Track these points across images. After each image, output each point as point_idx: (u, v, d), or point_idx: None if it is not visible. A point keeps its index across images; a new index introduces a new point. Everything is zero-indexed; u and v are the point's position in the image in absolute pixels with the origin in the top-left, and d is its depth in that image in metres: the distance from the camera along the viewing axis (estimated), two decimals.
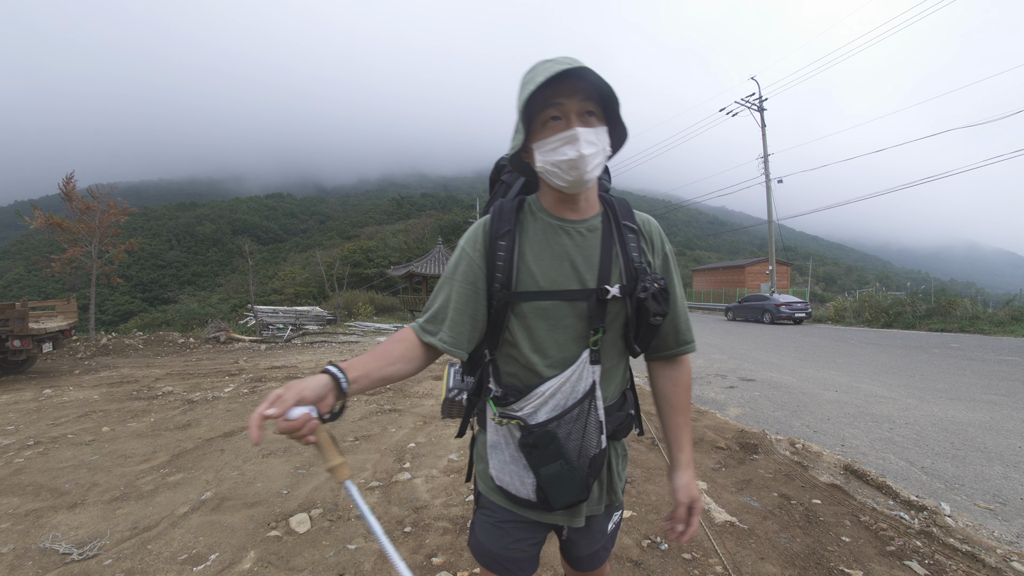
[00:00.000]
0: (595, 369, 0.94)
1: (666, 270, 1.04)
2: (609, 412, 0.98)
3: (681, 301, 1.04)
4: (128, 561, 2.20)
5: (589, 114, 0.90)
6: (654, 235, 1.04)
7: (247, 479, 3.15)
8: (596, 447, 0.94)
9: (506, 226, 0.97)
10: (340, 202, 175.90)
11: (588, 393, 0.93)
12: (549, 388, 0.93)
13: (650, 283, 0.92)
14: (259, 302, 22.19)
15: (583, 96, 0.89)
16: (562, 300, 0.94)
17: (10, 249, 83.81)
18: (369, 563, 2.17)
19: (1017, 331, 12.69)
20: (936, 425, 4.33)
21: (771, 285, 21.96)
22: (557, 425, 0.92)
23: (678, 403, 1.06)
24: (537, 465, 0.92)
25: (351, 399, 0.85)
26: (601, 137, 0.91)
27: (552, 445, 0.91)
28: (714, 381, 6.62)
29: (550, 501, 0.94)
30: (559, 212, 0.99)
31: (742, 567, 2.11)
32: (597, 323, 0.93)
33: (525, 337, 0.95)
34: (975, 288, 33.68)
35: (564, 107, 0.89)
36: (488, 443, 1.04)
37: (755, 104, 23.02)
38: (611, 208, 1.02)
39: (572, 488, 0.93)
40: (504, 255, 0.95)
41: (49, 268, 12.50)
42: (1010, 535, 2.44)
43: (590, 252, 0.96)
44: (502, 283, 0.95)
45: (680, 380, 1.07)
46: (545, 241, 0.97)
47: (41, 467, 3.46)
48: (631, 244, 0.98)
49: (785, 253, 46.79)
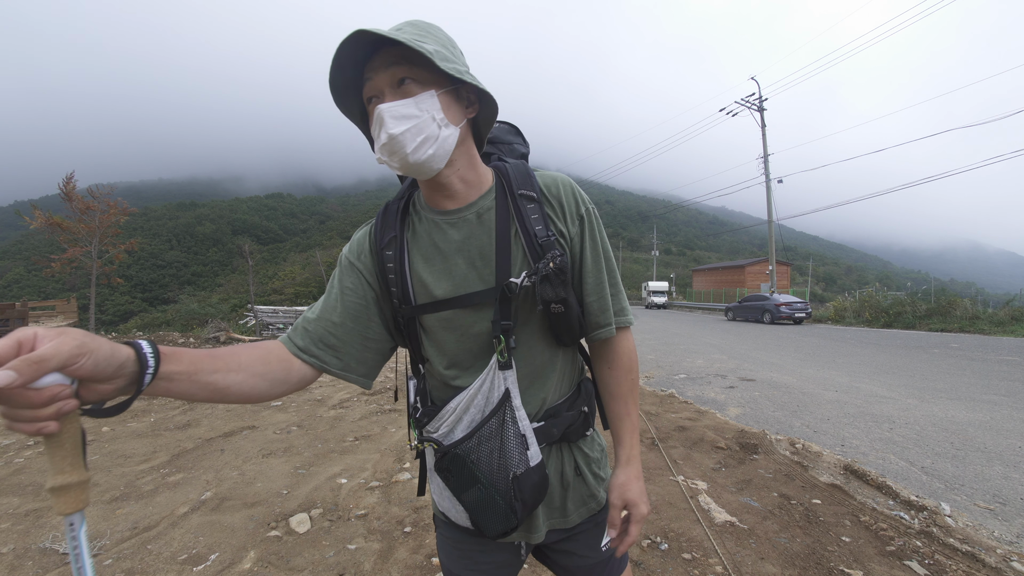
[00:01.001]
0: (506, 375, 0.80)
1: (582, 237, 0.86)
2: (556, 413, 0.86)
3: (596, 273, 0.87)
4: (128, 561, 2.20)
5: (402, 82, 0.73)
6: (563, 196, 0.85)
7: (247, 479, 3.15)
8: (520, 464, 0.79)
9: (390, 233, 0.85)
10: (340, 202, 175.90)
11: (501, 403, 0.80)
12: (460, 403, 0.82)
13: (544, 264, 0.77)
14: (259, 302, 22.20)
15: (392, 60, 0.73)
16: (463, 307, 0.82)
17: (10, 249, 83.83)
18: (369, 563, 2.17)
19: (1017, 331, 12.70)
20: (936, 425, 4.33)
21: (771, 285, 21.97)
22: (475, 443, 0.80)
23: (616, 389, 0.91)
24: (457, 491, 0.81)
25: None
26: (425, 105, 0.73)
27: (465, 468, 0.79)
28: (714, 381, 6.62)
29: (482, 530, 0.82)
30: (436, 203, 0.84)
31: (742, 567, 2.11)
32: (499, 330, 0.79)
33: (437, 352, 0.85)
34: (975, 288, 33.70)
35: (374, 82, 0.75)
36: (427, 465, 0.93)
37: (755, 104, 23.04)
38: (505, 178, 0.85)
39: (497, 514, 0.79)
40: (393, 266, 0.83)
41: (49, 268, 12.51)
42: (1010, 535, 2.44)
43: (484, 241, 0.82)
44: (399, 298, 0.84)
45: (616, 362, 0.90)
46: (432, 242, 0.83)
47: (41, 467, 3.45)
48: (532, 216, 0.82)
49: (785, 253, 46.81)
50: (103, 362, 0.51)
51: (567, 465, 0.89)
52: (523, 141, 1.06)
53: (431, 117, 0.74)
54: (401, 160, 0.74)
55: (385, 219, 0.86)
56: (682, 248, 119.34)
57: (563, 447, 0.89)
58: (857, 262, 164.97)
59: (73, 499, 0.50)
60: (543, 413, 0.86)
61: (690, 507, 2.66)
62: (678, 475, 3.12)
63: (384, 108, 0.72)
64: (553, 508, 0.89)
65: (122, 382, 0.55)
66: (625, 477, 0.88)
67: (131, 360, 0.56)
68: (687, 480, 3.04)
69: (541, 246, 0.80)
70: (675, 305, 38.93)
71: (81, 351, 0.49)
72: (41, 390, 0.46)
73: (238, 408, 5.14)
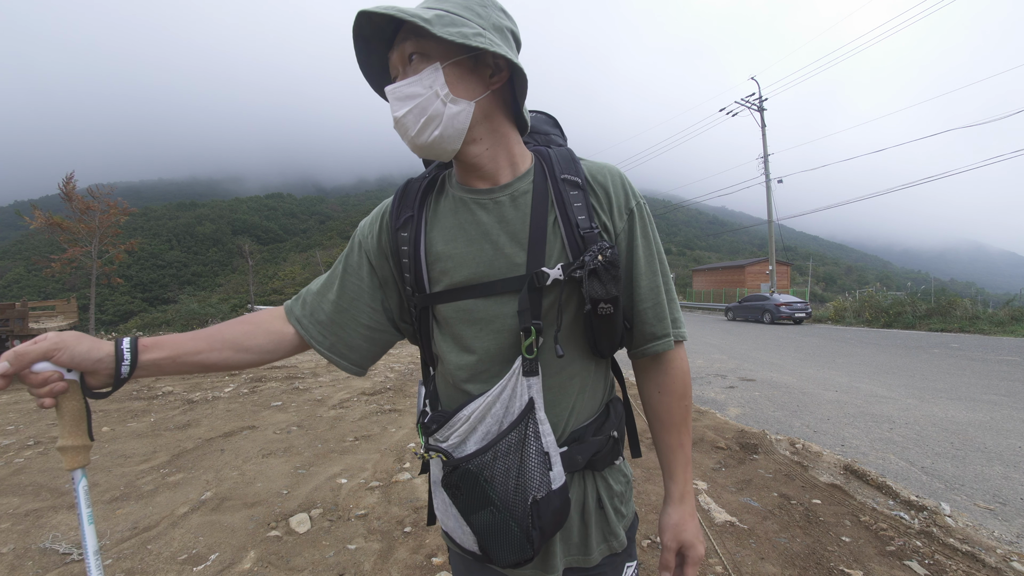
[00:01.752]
0: (531, 383, 0.70)
1: (631, 234, 0.76)
2: (582, 437, 0.75)
3: (651, 275, 0.77)
4: (128, 561, 2.20)
5: (413, 57, 0.68)
6: (611, 187, 0.76)
7: (247, 479, 3.15)
8: (541, 487, 0.69)
9: (407, 212, 0.77)
10: (340, 202, 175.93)
11: (523, 415, 0.70)
12: (475, 411, 0.71)
13: (591, 256, 0.67)
14: (259, 302, 22.21)
15: (404, 36, 0.69)
16: (487, 296, 0.72)
17: (10, 249, 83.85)
18: (369, 563, 2.17)
19: (1017, 331, 12.69)
20: (936, 425, 4.33)
21: (771, 285, 21.97)
22: (490, 458, 0.69)
23: (667, 417, 0.80)
24: (465, 512, 0.71)
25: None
26: (430, 80, 0.67)
27: (477, 487, 0.68)
28: (714, 381, 6.62)
29: (491, 557, 0.72)
30: (467, 182, 0.77)
31: (742, 567, 2.11)
32: (527, 320, 0.69)
33: (451, 347, 0.76)
34: (975, 288, 33.72)
35: (392, 62, 0.71)
36: (431, 479, 0.83)
37: (755, 104, 23.04)
38: (546, 162, 0.77)
39: (511, 542, 0.69)
40: (408, 249, 0.76)
41: (49, 268, 12.53)
42: (1010, 535, 2.44)
43: (517, 225, 0.73)
44: (413, 284, 0.76)
45: (668, 387, 0.79)
46: (457, 223, 0.75)
47: (41, 467, 3.46)
48: (576, 205, 0.73)
49: (785, 253, 46.83)
50: (80, 356, 0.65)
51: (589, 496, 0.78)
52: (561, 134, 0.96)
53: (434, 93, 0.67)
54: (411, 143, 0.70)
55: (404, 197, 0.79)
56: (682, 248, 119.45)
57: (586, 475, 0.78)
58: (857, 262, 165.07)
59: (72, 458, 0.66)
60: (567, 436, 0.75)
61: None
62: None
63: (388, 90, 0.69)
64: (572, 544, 0.78)
65: (106, 372, 0.67)
66: (679, 516, 0.79)
67: (109, 356, 0.67)
68: None
69: (583, 238, 0.71)
70: None
71: (56, 347, 0.63)
72: (37, 374, 0.63)
73: (238, 408, 5.15)
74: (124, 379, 0.68)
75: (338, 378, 6.83)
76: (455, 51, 0.68)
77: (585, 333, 0.74)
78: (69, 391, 0.66)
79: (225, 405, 5.32)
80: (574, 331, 0.74)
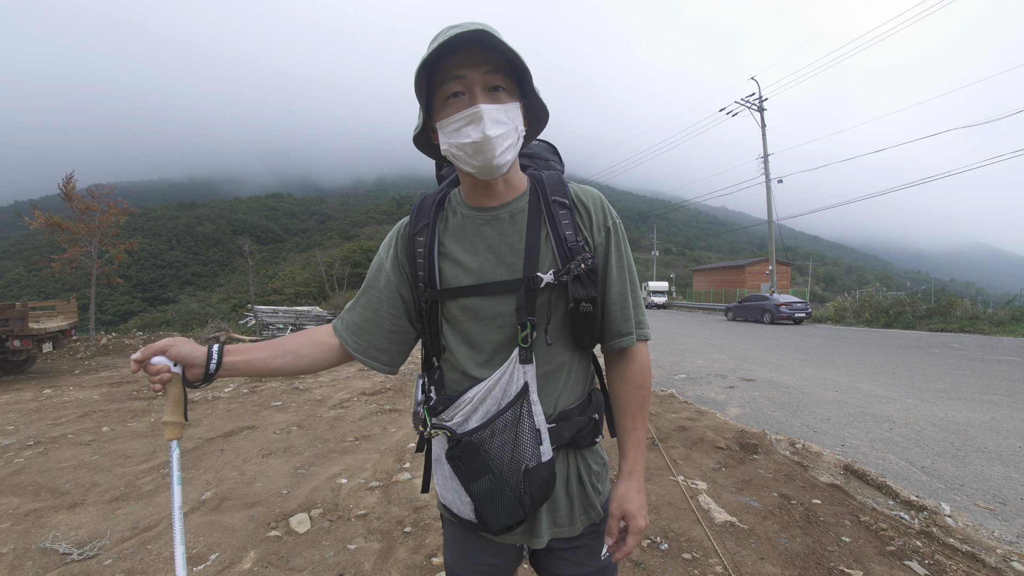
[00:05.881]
0: (526, 369, 0.83)
1: (608, 248, 0.91)
2: (567, 417, 0.88)
3: (621, 283, 0.91)
4: (128, 561, 2.20)
5: (496, 89, 0.79)
6: (592, 207, 0.91)
7: (247, 479, 3.15)
8: (532, 458, 0.82)
9: (423, 220, 0.91)
10: (340, 202, 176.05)
11: (519, 396, 0.83)
12: (477, 393, 0.84)
13: (576, 264, 0.82)
14: (259, 302, 22.21)
15: (490, 68, 0.78)
16: (490, 295, 0.85)
17: (10, 249, 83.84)
18: (369, 563, 2.17)
19: (1017, 331, 12.70)
20: (936, 425, 4.33)
21: (771, 285, 21.96)
22: (489, 433, 0.82)
23: (625, 403, 0.92)
24: (467, 481, 0.83)
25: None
26: (512, 115, 0.80)
27: (478, 457, 0.81)
28: (714, 381, 6.62)
29: (486, 523, 0.84)
30: (476, 201, 0.90)
31: (742, 567, 2.11)
32: (524, 316, 0.82)
33: (459, 341, 0.89)
34: (975, 288, 33.70)
35: (467, 80, 0.78)
36: (433, 456, 0.98)
37: (755, 104, 23.03)
38: (539, 184, 0.91)
39: (505, 506, 0.81)
40: (423, 251, 0.89)
41: (49, 268, 12.50)
42: (1010, 535, 2.44)
43: (515, 239, 0.86)
44: (425, 282, 0.89)
45: (628, 377, 0.92)
46: (465, 235, 0.89)
47: (41, 467, 3.46)
48: (563, 222, 0.87)
49: (785, 253, 46.82)
50: (184, 354, 0.85)
51: (572, 473, 0.91)
52: (559, 160, 1.10)
53: (515, 127, 0.81)
54: (485, 160, 0.79)
55: (421, 209, 0.93)
56: (682, 248, 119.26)
57: (569, 454, 0.91)
58: (857, 262, 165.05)
59: (172, 431, 0.86)
60: (556, 415, 0.88)
61: (690, 507, 2.66)
62: (678, 475, 3.12)
63: (486, 109, 0.77)
64: (558, 516, 0.91)
65: (200, 368, 0.86)
66: (625, 489, 0.89)
67: (203, 356, 0.86)
68: (687, 480, 3.04)
69: (570, 249, 0.85)
70: (675, 305, 38.93)
71: (169, 346, 0.84)
72: (152, 365, 0.83)
73: (238, 408, 5.15)
74: (212, 374, 0.86)
75: (338, 378, 6.83)
76: (526, 95, 0.85)
77: (571, 328, 0.87)
78: (173, 380, 0.85)
79: (225, 405, 5.31)
80: (562, 326, 0.88)
